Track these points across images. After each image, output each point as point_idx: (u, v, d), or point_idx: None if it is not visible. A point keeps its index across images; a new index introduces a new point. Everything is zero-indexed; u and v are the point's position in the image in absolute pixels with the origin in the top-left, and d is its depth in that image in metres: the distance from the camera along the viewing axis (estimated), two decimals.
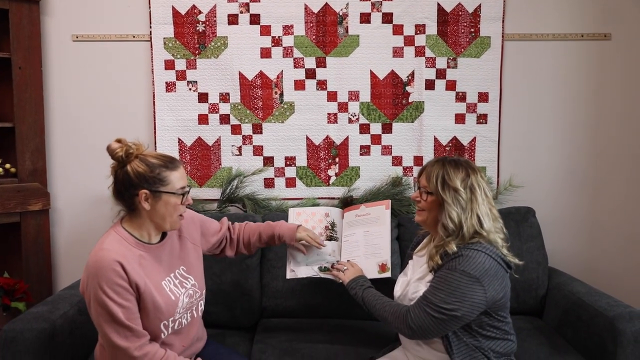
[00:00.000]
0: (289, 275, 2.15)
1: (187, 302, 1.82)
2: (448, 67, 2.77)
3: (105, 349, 1.72)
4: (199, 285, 1.89)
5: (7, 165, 2.58)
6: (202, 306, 1.94)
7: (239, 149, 2.78)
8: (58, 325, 1.95)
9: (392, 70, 2.76)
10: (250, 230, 2.14)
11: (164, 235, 1.86)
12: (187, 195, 1.78)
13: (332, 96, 2.77)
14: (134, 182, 1.70)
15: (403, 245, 2.53)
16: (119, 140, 1.73)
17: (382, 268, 2.06)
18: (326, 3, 2.73)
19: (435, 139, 2.80)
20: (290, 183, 2.82)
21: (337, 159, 2.81)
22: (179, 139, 2.76)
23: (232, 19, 2.72)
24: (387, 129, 2.80)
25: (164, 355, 1.69)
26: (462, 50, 2.76)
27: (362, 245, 2.12)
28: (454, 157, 1.85)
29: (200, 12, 2.71)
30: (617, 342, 1.97)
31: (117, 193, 1.76)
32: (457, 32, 2.75)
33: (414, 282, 1.84)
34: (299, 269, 2.14)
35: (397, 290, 1.91)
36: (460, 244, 1.73)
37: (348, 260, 2.12)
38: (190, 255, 1.92)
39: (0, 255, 2.71)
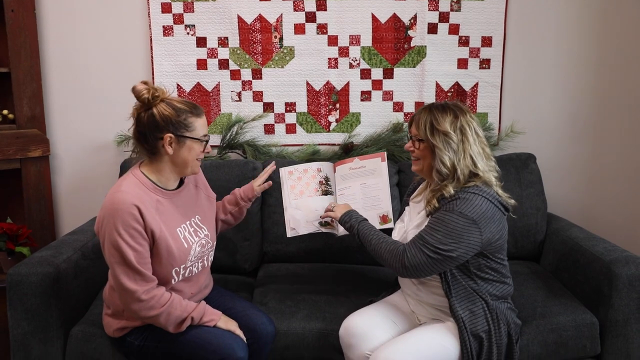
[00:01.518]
0: (290, 233, 2.11)
1: (199, 251, 1.84)
2: (451, 10, 2.70)
3: (115, 290, 1.76)
4: (211, 236, 1.92)
5: (5, 112, 2.57)
6: (212, 257, 1.97)
7: (239, 94, 2.75)
8: (62, 269, 1.98)
9: (394, 13, 2.69)
10: (218, 205, 2.13)
11: (181, 183, 1.88)
12: (208, 144, 1.81)
13: (332, 40, 2.71)
14: (160, 125, 1.70)
15: (403, 192, 2.53)
16: (145, 82, 1.73)
17: (384, 219, 2.06)
18: None
19: (437, 85, 2.76)
20: (291, 129, 2.80)
21: (337, 105, 2.78)
22: (178, 85, 2.72)
23: None
24: (388, 74, 2.76)
25: (170, 299, 1.73)
26: None
27: (359, 198, 2.09)
28: (442, 102, 1.85)
29: None
30: (613, 286, 2.00)
31: (140, 135, 1.75)
32: None
33: (412, 229, 1.86)
34: (300, 227, 2.10)
35: (395, 236, 1.93)
36: (458, 187, 1.74)
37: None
38: (205, 206, 1.96)
39: (2, 202, 2.73)
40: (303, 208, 2.11)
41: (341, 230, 2.06)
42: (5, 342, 2.02)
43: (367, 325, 1.85)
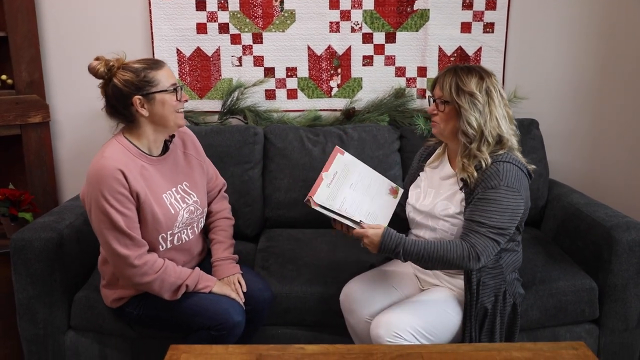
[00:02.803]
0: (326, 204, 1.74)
1: (187, 217, 1.84)
2: None
3: (108, 259, 1.76)
4: (201, 202, 1.90)
5: (4, 77, 2.54)
6: (202, 223, 1.96)
7: (239, 59, 2.72)
8: (65, 234, 1.99)
9: None
10: (221, 226, 2.02)
11: (166, 150, 1.86)
12: (181, 91, 1.77)
13: (334, 3, 2.66)
14: (125, 92, 1.69)
15: (405, 157, 2.53)
16: (97, 58, 1.70)
17: (393, 192, 1.93)
18: None
19: (440, 49, 2.72)
20: (292, 94, 2.78)
21: (339, 70, 2.75)
22: (178, 49, 2.69)
23: None
24: (390, 38, 2.72)
25: (163, 265, 1.74)
26: None
27: (362, 196, 1.84)
28: (466, 64, 1.81)
29: None
30: (613, 251, 2.01)
31: (112, 109, 1.75)
32: None
33: (442, 200, 1.80)
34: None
35: (412, 202, 1.89)
36: (492, 153, 1.72)
37: (355, 226, 1.76)
38: (195, 172, 1.93)
39: (3, 168, 2.73)
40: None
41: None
42: (11, 306, 2.05)
43: (367, 291, 1.87)
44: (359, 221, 1.75)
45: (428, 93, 1.77)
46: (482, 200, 1.68)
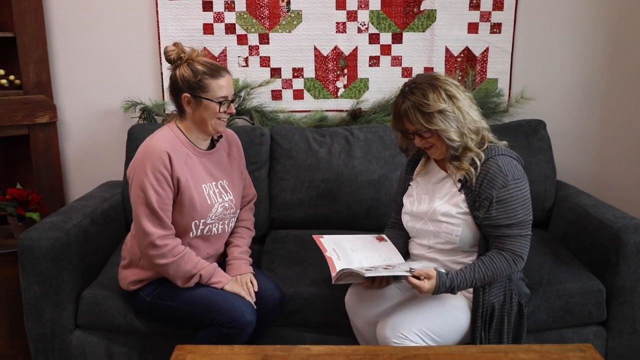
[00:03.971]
0: (367, 274, 1.67)
1: (220, 211, 1.90)
2: None
3: (135, 235, 1.84)
4: (235, 202, 1.97)
5: (12, 77, 2.55)
6: (233, 223, 2.02)
7: (246, 59, 2.72)
8: (72, 234, 2.00)
9: None
10: (241, 233, 2.07)
11: (212, 146, 1.95)
12: (229, 104, 1.85)
13: (340, 4, 2.66)
14: (179, 86, 1.81)
15: None
16: (175, 44, 1.84)
17: (381, 239, 1.94)
18: None
19: (447, 50, 2.72)
20: (298, 95, 2.78)
21: (345, 70, 2.75)
22: None
23: None
24: (397, 39, 2.71)
25: (182, 252, 1.80)
26: None
27: (367, 253, 1.86)
28: (408, 84, 1.74)
29: None
30: (620, 253, 2.00)
31: (169, 93, 1.89)
32: None
33: (442, 203, 1.78)
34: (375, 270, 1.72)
35: (408, 210, 1.89)
36: (480, 145, 1.72)
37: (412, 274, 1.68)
38: (235, 174, 2.02)
39: (11, 168, 2.74)
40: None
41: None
42: (18, 305, 2.06)
43: (372, 292, 1.86)
44: (407, 272, 1.69)
45: (395, 131, 1.73)
46: (499, 202, 1.69)
